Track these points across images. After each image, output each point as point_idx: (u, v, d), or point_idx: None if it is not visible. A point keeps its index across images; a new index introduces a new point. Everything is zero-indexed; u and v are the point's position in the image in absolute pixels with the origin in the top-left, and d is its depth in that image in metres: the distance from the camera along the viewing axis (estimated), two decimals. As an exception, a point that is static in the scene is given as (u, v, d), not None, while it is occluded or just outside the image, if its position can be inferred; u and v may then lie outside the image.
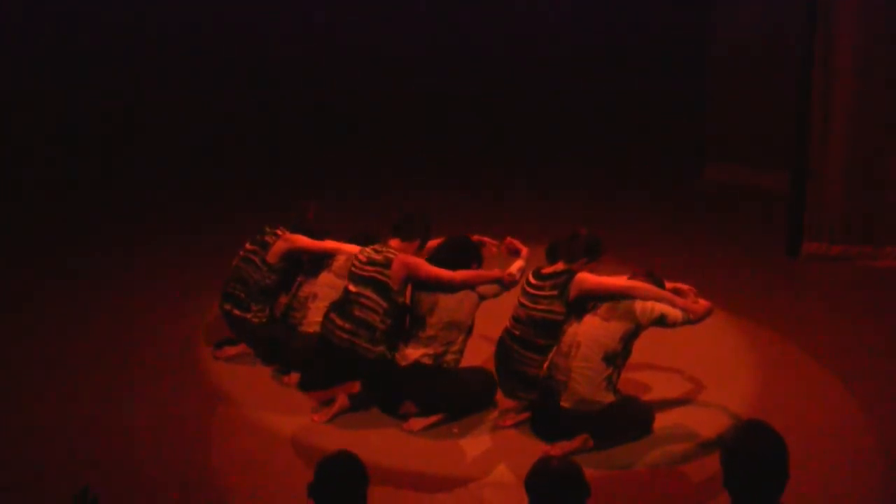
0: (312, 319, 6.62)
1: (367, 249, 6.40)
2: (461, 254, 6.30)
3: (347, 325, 6.24)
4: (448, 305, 6.12)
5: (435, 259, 6.30)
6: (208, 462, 5.81)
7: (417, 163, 11.86)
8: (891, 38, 8.69)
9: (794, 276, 8.86)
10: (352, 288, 6.32)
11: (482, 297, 6.21)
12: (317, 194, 8.16)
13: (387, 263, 6.25)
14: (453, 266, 6.20)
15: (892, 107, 8.83)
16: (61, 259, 8.86)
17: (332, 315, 6.34)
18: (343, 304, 6.33)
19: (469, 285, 6.15)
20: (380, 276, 6.24)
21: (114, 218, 9.94)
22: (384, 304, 6.22)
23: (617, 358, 5.88)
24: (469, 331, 6.24)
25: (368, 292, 6.24)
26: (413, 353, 6.13)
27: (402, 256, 6.26)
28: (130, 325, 7.50)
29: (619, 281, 5.97)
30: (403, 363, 6.16)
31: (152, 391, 6.57)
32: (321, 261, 6.82)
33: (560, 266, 6.13)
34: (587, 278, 6.02)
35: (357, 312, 6.24)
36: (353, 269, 6.39)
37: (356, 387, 6.37)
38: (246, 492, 5.52)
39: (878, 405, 6.53)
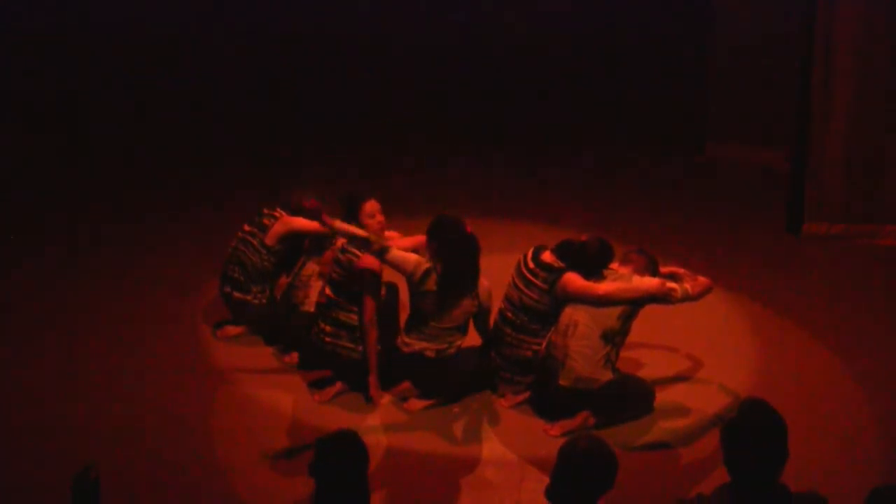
0: (315, 299, 6.60)
1: (337, 250, 6.35)
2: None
3: (328, 328, 6.24)
4: (452, 315, 6.08)
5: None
6: (209, 441, 5.82)
7: (416, 152, 11.80)
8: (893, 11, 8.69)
9: (794, 255, 8.85)
10: (327, 292, 6.32)
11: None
12: (315, 179, 8.16)
13: (348, 266, 6.21)
14: (449, 248, 6.13)
15: (894, 84, 8.82)
16: (61, 242, 8.83)
17: (318, 320, 6.33)
18: (324, 309, 6.32)
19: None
20: (345, 281, 6.23)
21: (113, 203, 9.89)
22: (357, 306, 6.21)
23: (615, 336, 5.89)
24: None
25: (340, 294, 6.23)
26: (416, 344, 6.12)
27: (360, 263, 6.16)
28: (131, 306, 7.48)
29: (602, 287, 5.92)
30: (406, 350, 6.16)
31: (154, 371, 6.57)
32: (323, 240, 6.79)
33: (559, 263, 6.10)
34: (572, 281, 5.99)
35: (335, 314, 6.23)
36: (330, 272, 6.37)
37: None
38: (247, 471, 5.54)
39: (878, 384, 6.55)
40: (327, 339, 6.23)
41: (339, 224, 6.15)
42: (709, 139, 11.31)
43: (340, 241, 6.34)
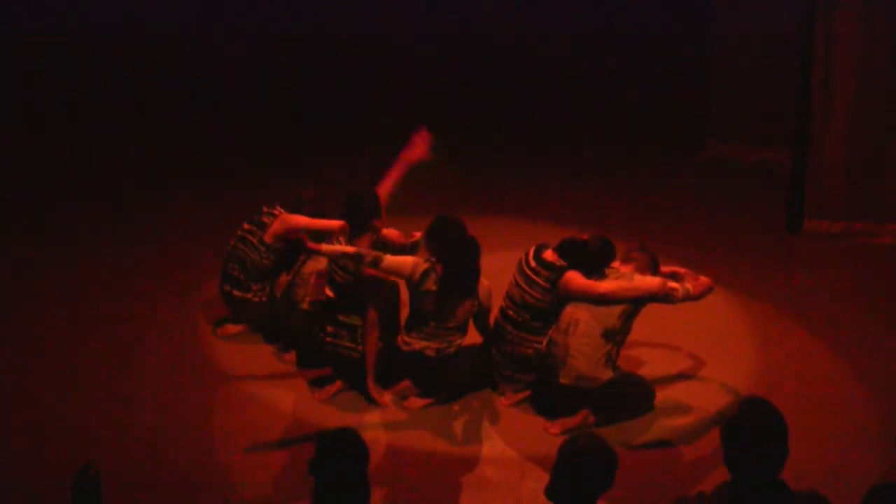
0: (314, 296, 6.59)
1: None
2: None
3: (329, 329, 6.23)
4: (453, 315, 6.10)
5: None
6: (210, 440, 5.83)
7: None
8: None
9: (795, 253, 8.85)
10: (328, 292, 6.30)
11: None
12: (315, 174, 8.16)
13: (356, 272, 6.20)
14: (449, 250, 6.12)
15: (894, 84, 8.82)
16: (61, 242, 8.82)
17: (319, 321, 6.30)
18: (325, 309, 6.29)
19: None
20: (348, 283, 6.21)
21: (113, 203, 9.88)
22: (359, 308, 6.20)
23: (616, 334, 5.88)
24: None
25: (342, 296, 6.21)
26: (416, 343, 6.12)
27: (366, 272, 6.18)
28: (131, 306, 7.48)
29: (604, 286, 5.92)
30: (406, 349, 6.16)
31: (154, 369, 6.57)
32: (323, 238, 6.78)
33: (561, 262, 6.09)
34: (574, 279, 5.99)
35: (336, 315, 6.22)
36: (330, 272, 6.36)
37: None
38: (247, 468, 5.54)
39: (879, 383, 6.54)
40: (328, 339, 6.23)
41: (326, 247, 6.11)
42: (709, 138, 11.31)
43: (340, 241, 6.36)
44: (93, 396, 6.22)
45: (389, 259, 6.04)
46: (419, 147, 6.69)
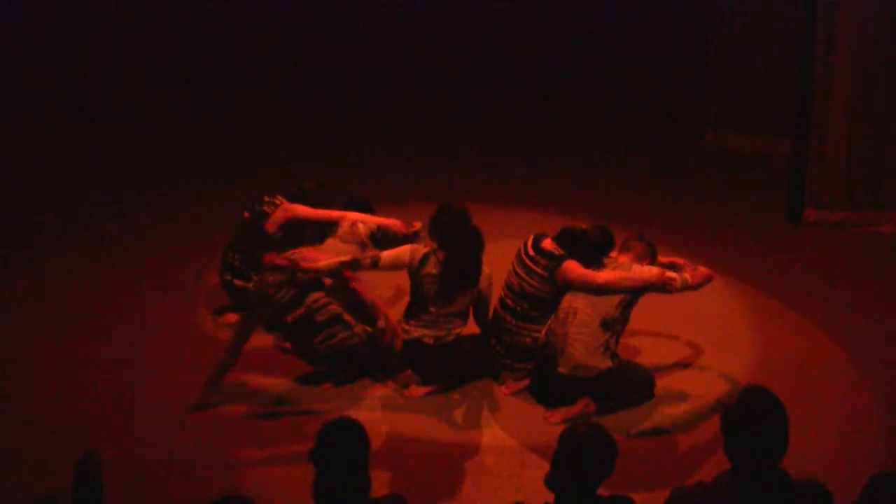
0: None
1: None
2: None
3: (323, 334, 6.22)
4: (453, 301, 6.10)
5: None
6: (210, 430, 5.82)
7: (417, 149, 11.80)
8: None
9: (795, 242, 8.86)
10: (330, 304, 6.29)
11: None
12: (316, 165, 8.17)
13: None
14: (452, 242, 6.11)
15: (894, 84, 8.81)
16: (62, 238, 8.82)
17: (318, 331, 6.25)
18: (325, 323, 6.22)
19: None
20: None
21: (113, 197, 9.89)
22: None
23: (615, 324, 5.89)
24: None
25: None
26: (415, 331, 6.12)
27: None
28: (132, 295, 7.49)
29: (602, 275, 5.92)
30: (404, 337, 6.16)
31: (155, 359, 6.57)
32: (325, 228, 6.79)
33: (560, 251, 6.10)
34: (572, 269, 5.99)
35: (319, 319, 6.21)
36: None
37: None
38: (247, 458, 5.55)
39: (879, 372, 6.55)
40: (328, 342, 6.21)
41: (322, 263, 6.09)
42: (709, 127, 11.32)
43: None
44: (93, 388, 6.21)
45: (386, 255, 6.07)
46: None
